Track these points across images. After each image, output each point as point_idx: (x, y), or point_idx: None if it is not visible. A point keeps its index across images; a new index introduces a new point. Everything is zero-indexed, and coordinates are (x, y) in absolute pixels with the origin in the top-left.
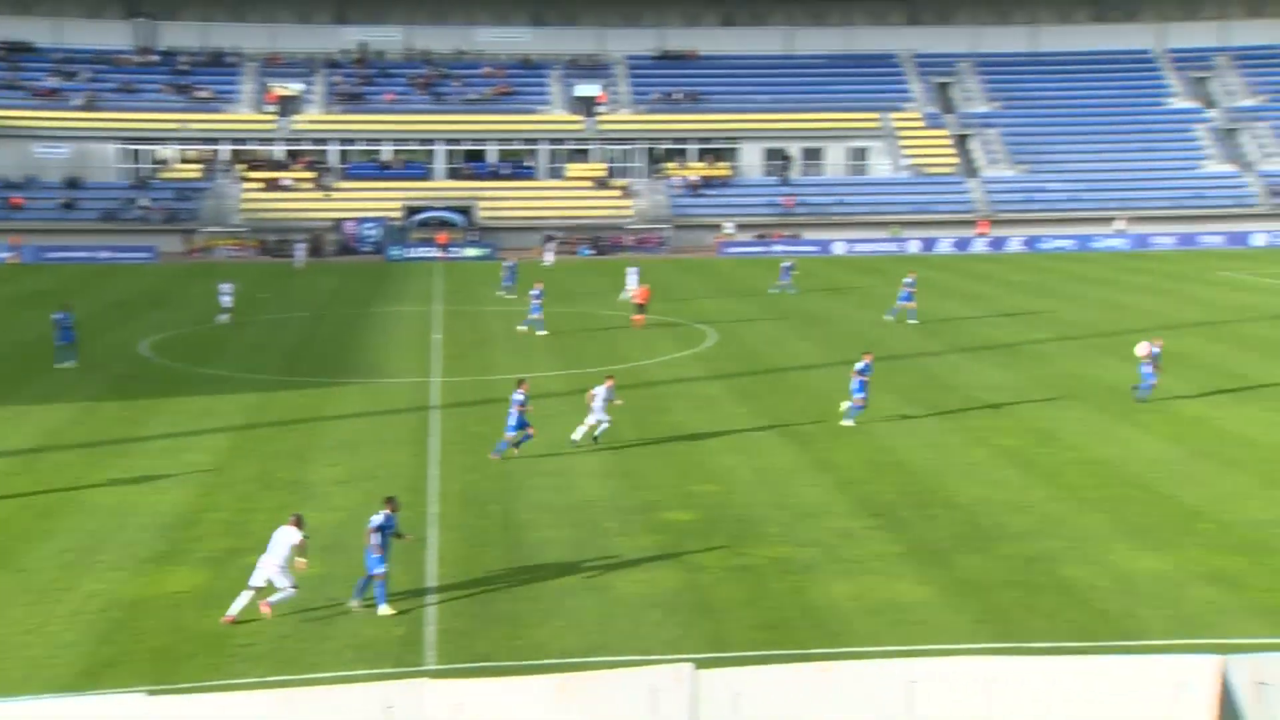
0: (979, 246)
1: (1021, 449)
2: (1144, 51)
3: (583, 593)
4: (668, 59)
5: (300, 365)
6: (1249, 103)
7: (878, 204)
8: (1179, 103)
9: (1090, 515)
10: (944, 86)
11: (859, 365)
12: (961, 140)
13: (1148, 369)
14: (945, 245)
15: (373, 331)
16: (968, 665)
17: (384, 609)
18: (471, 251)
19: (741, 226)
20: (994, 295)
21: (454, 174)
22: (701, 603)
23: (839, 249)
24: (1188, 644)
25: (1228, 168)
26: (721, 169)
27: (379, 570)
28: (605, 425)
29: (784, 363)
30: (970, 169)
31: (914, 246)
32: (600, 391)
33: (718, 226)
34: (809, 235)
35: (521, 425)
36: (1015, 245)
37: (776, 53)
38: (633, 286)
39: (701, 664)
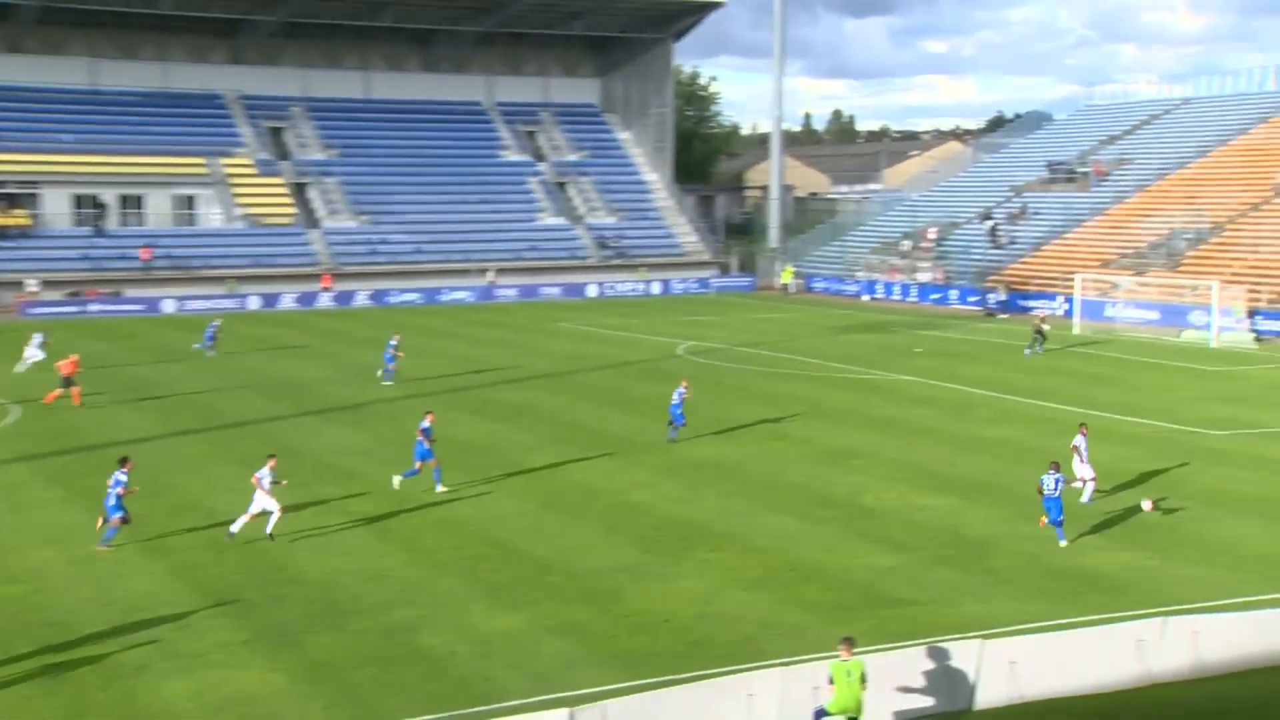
0: (324, 301)
1: (377, 514)
2: (475, 104)
3: None
4: None
5: None
6: (573, 158)
7: (211, 257)
8: (512, 155)
9: (447, 578)
10: (276, 131)
11: (422, 425)
12: (299, 189)
13: (678, 409)
14: (289, 301)
15: None
16: None
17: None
18: None
19: (48, 283)
20: (342, 353)
21: None
22: None
23: (169, 307)
24: (540, 700)
25: (560, 220)
26: (19, 218)
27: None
28: (276, 515)
29: (108, 438)
30: (310, 219)
31: (254, 303)
32: (263, 474)
33: (19, 284)
34: (132, 292)
35: (120, 508)
36: (362, 299)
37: (80, 86)
38: (34, 357)
39: None
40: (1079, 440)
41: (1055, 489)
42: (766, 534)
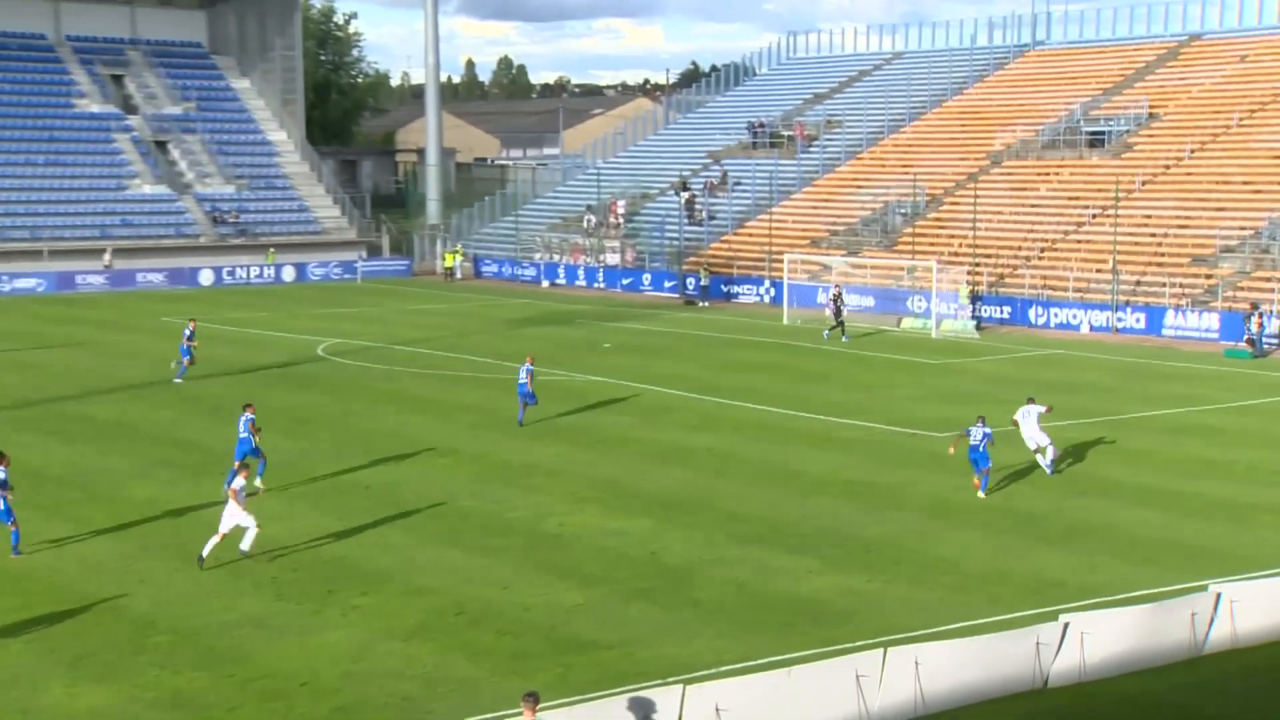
0: None
1: None
2: (38, 36)
3: None
4: None
5: None
6: (176, 110)
7: None
8: (92, 105)
9: (11, 648)
10: None
11: (241, 417)
12: None
13: (525, 387)
14: None
15: None
16: None
17: None
18: None
19: None
20: None
21: None
22: None
23: None
24: None
25: (161, 189)
26: None
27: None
28: (254, 531)
29: None
30: None
31: None
32: (239, 484)
33: None
34: None
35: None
36: None
37: None
38: None
39: None
40: (1029, 411)
41: (981, 441)
42: (430, 571)
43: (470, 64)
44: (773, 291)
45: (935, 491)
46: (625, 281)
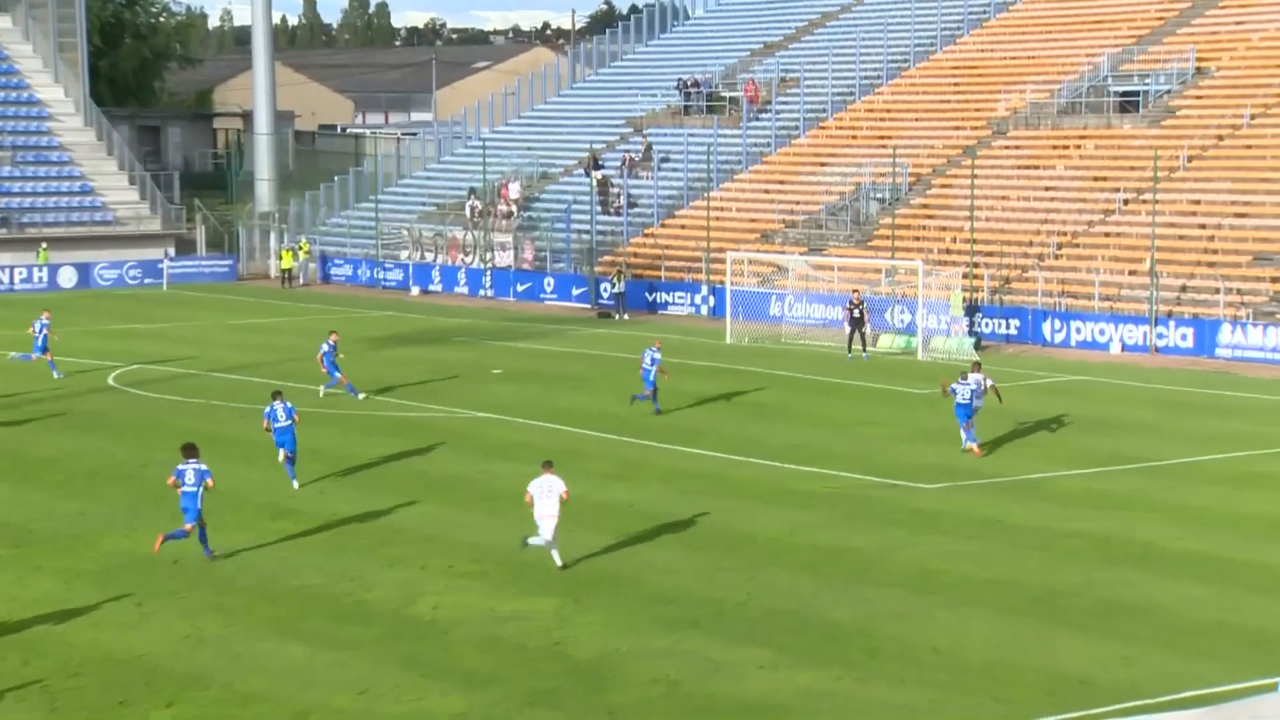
0: None
1: None
2: None
3: None
4: None
5: None
6: None
7: None
8: None
9: None
10: None
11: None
12: None
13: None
14: None
15: None
16: None
17: None
18: None
19: None
20: None
21: None
22: None
23: None
24: None
25: None
26: None
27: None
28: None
29: None
30: None
31: None
32: (551, 482)
33: None
34: None
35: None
36: None
37: None
38: None
39: None
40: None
41: (969, 398)
42: (260, 671)
43: (312, 1)
44: (712, 301)
45: (921, 560)
46: (520, 288)
